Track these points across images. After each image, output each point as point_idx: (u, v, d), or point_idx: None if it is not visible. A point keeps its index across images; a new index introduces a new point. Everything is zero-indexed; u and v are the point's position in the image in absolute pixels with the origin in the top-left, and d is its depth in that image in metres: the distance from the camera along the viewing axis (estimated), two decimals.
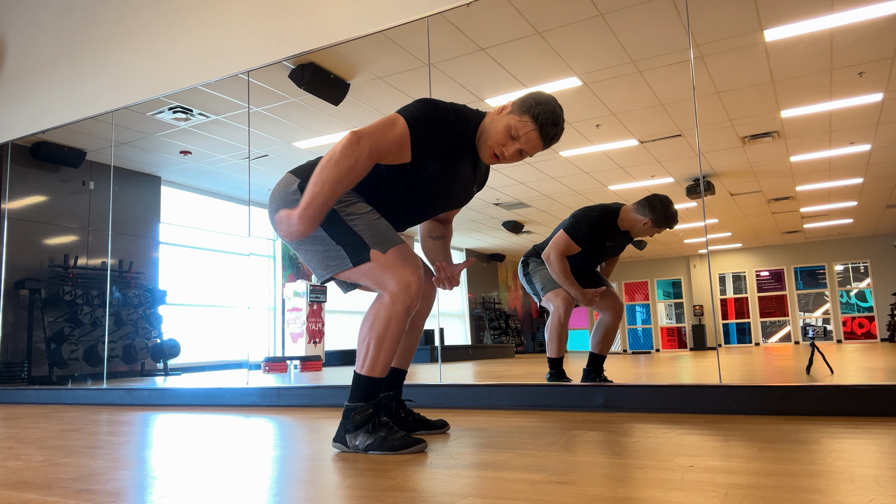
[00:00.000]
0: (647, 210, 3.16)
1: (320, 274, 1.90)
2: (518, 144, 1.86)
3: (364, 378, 1.83)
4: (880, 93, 4.54)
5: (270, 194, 1.95)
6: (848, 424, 2.04)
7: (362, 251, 1.81)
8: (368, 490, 1.35)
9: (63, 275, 6.19)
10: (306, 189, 1.70)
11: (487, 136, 1.88)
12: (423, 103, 1.84)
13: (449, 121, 1.84)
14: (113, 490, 1.42)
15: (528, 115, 1.84)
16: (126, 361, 6.46)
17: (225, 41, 4.32)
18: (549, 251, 3.23)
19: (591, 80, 4.53)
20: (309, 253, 1.90)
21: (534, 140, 1.85)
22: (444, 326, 7.18)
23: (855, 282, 7.01)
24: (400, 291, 1.79)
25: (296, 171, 1.94)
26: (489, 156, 1.90)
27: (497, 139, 1.86)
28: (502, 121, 1.87)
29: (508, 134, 1.86)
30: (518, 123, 1.84)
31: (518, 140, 1.85)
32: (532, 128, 1.84)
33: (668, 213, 3.15)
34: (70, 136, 5.72)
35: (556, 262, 3.20)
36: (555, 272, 3.21)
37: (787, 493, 1.20)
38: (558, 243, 3.21)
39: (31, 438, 2.39)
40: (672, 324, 7.56)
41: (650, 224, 3.16)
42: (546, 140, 1.87)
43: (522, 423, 2.32)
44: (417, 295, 1.81)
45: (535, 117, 1.83)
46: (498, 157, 1.89)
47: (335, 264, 1.85)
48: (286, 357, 7.21)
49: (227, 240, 7.59)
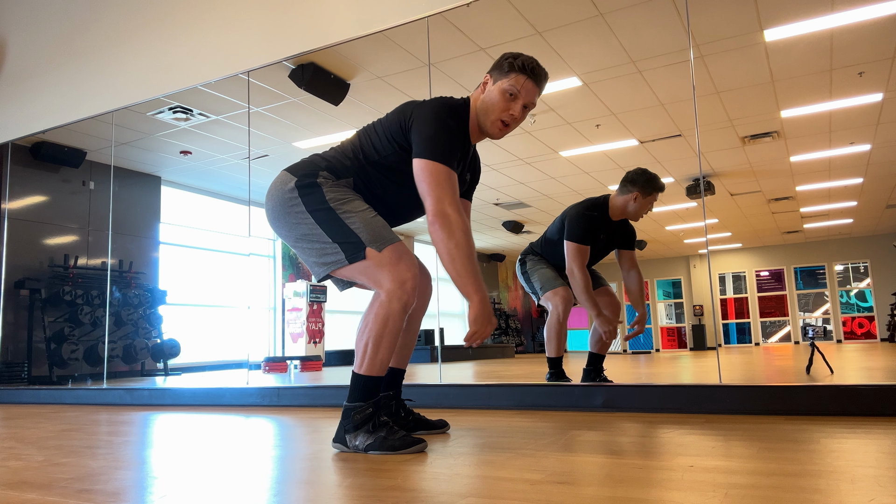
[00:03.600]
0: (629, 185, 3.16)
1: (317, 271, 1.91)
2: (520, 100, 1.90)
3: (363, 377, 1.83)
4: (880, 93, 4.54)
5: (267, 192, 1.95)
6: (848, 424, 2.04)
7: (358, 249, 1.81)
8: (368, 490, 1.35)
9: (63, 275, 6.19)
10: (467, 287, 1.75)
11: (487, 112, 1.92)
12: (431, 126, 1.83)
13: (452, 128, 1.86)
14: (113, 490, 1.42)
15: (513, 71, 1.90)
16: (126, 361, 6.46)
17: (225, 41, 4.32)
18: (570, 266, 3.17)
19: (591, 80, 4.53)
20: (306, 251, 1.90)
21: (531, 88, 1.91)
22: (444, 326, 7.17)
23: (855, 282, 7.01)
24: (396, 289, 1.79)
25: (291, 168, 1.95)
26: (497, 128, 1.93)
27: (499, 107, 1.90)
28: (494, 90, 1.91)
29: (506, 97, 1.90)
30: (510, 83, 1.89)
31: (518, 96, 1.90)
32: (525, 78, 1.89)
33: (649, 178, 3.13)
34: (70, 136, 5.73)
35: (580, 278, 3.14)
36: (578, 288, 3.16)
37: (787, 493, 1.20)
38: (573, 255, 3.17)
39: (31, 438, 2.39)
40: (672, 324, 7.56)
41: (640, 196, 3.14)
42: (540, 82, 1.93)
43: (522, 423, 2.32)
44: (414, 292, 1.82)
45: (521, 69, 1.89)
46: (507, 123, 1.92)
47: (332, 262, 1.86)
48: (286, 357, 7.21)
49: (227, 240, 7.59)
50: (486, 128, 1.94)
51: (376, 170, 1.91)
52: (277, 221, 1.92)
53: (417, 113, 1.87)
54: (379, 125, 1.95)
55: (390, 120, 1.92)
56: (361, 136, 1.97)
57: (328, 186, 1.88)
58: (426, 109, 1.87)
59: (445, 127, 1.84)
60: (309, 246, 1.88)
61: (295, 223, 1.88)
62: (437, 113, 1.85)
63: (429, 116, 1.85)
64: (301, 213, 1.87)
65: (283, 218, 1.90)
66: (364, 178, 1.93)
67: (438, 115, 1.85)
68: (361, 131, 1.99)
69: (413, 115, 1.87)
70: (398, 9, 3.64)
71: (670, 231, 6.45)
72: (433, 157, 1.79)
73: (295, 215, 1.87)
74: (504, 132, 1.94)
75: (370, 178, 1.92)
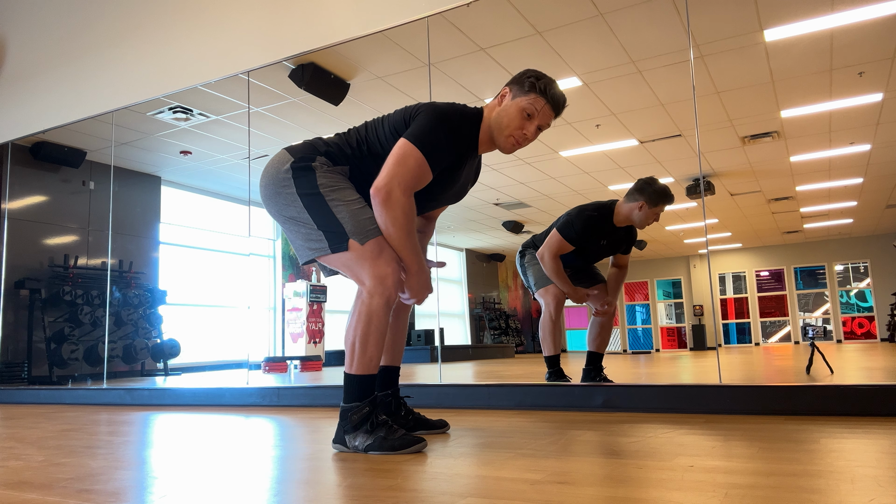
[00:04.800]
0: (636, 194, 3.16)
1: (302, 255, 1.93)
2: (536, 121, 1.92)
3: (355, 377, 1.83)
4: (880, 93, 4.54)
5: (264, 168, 1.96)
6: (848, 424, 2.04)
7: (341, 240, 1.82)
8: (368, 490, 1.35)
9: (63, 275, 6.19)
10: (402, 257, 1.84)
11: (502, 127, 1.92)
12: (431, 117, 1.85)
13: (454, 128, 1.87)
14: (113, 490, 1.42)
15: (533, 92, 1.90)
16: (126, 361, 6.46)
17: (225, 41, 4.32)
18: (542, 251, 3.24)
19: (591, 80, 4.53)
20: (293, 232, 1.92)
21: (549, 113, 1.93)
22: (444, 326, 7.17)
23: (855, 282, 7.01)
24: (376, 285, 1.80)
25: (291, 148, 1.96)
26: (509, 144, 1.94)
27: (515, 124, 1.91)
28: (512, 107, 1.91)
29: (523, 116, 1.90)
30: (529, 102, 1.90)
31: (535, 118, 1.91)
32: (544, 103, 1.91)
33: (656, 188, 3.14)
34: (70, 136, 5.72)
35: (549, 262, 3.23)
36: (547, 271, 3.24)
37: (787, 493, 1.20)
38: (551, 243, 3.23)
39: (31, 438, 2.39)
40: (672, 324, 7.56)
41: (646, 206, 3.14)
42: (558, 110, 1.94)
43: (522, 423, 2.32)
44: (395, 287, 1.82)
45: (542, 92, 1.90)
46: (519, 141, 1.93)
47: (315, 247, 1.87)
48: (286, 357, 7.21)
49: (227, 240, 7.59)
50: (498, 142, 1.95)
51: (375, 162, 1.92)
52: (269, 199, 1.94)
53: (425, 108, 1.89)
54: (386, 119, 1.96)
55: (397, 115, 1.95)
56: (369, 127, 1.98)
57: (322, 171, 1.88)
58: (434, 107, 1.89)
59: (443, 128, 1.84)
60: (296, 228, 1.90)
61: (285, 204, 1.89)
62: (441, 114, 1.87)
63: (432, 114, 1.86)
64: (291, 195, 1.87)
65: (274, 197, 1.92)
66: (362, 168, 1.94)
67: (441, 117, 1.86)
68: (370, 122, 2.00)
69: (420, 109, 1.90)
70: (398, 9, 3.63)
71: (670, 231, 6.44)
72: (415, 142, 1.81)
73: (286, 196, 1.88)
74: (515, 148, 1.96)
75: (368, 170, 1.93)
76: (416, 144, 1.81)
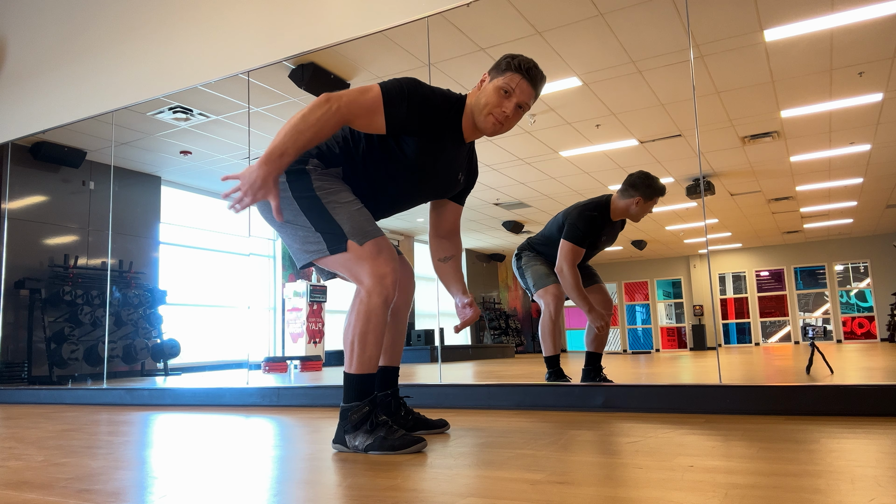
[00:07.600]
0: (631, 190, 3.19)
1: (299, 258, 1.92)
2: (514, 98, 1.89)
3: (354, 377, 1.83)
4: (880, 93, 4.55)
5: None
6: (848, 424, 2.04)
7: (340, 241, 1.82)
8: (368, 490, 1.35)
9: (63, 275, 6.19)
10: (273, 142, 1.73)
11: (481, 106, 1.91)
12: (404, 78, 1.88)
13: (426, 95, 1.87)
14: (113, 490, 1.42)
15: (509, 70, 1.89)
16: (126, 361, 6.46)
17: (225, 41, 4.32)
18: (561, 264, 3.19)
19: (591, 80, 4.53)
20: (290, 236, 1.91)
21: (526, 88, 1.90)
22: (445, 326, 7.18)
23: (855, 282, 7.01)
24: (375, 284, 1.80)
25: None
26: (491, 124, 1.91)
27: (492, 102, 1.89)
28: (489, 87, 1.91)
29: (500, 94, 1.89)
30: (505, 81, 1.89)
31: (513, 94, 1.89)
32: (520, 77, 1.89)
33: (651, 183, 3.17)
34: (70, 136, 5.73)
35: (570, 276, 3.16)
36: (568, 286, 3.18)
37: (787, 493, 1.20)
38: (566, 254, 3.18)
39: (31, 438, 2.39)
40: (672, 324, 7.56)
41: (641, 201, 3.17)
42: (536, 84, 1.92)
43: (522, 423, 2.32)
44: (393, 286, 1.82)
45: (517, 68, 1.89)
46: (500, 120, 1.91)
47: (313, 250, 1.87)
48: (286, 357, 7.21)
49: (227, 240, 7.59)
50: (479, 123, 1.93)
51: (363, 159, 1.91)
52: (263, 204, 1.93)
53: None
54: None
55: None
56: None
57: (317, 174, 1.88)
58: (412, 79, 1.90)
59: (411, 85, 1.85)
60: (293, 231, 1.89)
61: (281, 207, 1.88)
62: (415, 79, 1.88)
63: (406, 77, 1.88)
64: (287, 199, 1.87)
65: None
66: (352, 167, 1.94)
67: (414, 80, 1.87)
68: None
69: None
70: (398, 9, 3.64)
71: (670, 231, 6.45)
72: (381, 86, 1.82)
73: (281, 200, 1.87)
74: (497, 129, 1.93)
75: (357, 168, 1.93)
76: (381, 85, 1.83)
